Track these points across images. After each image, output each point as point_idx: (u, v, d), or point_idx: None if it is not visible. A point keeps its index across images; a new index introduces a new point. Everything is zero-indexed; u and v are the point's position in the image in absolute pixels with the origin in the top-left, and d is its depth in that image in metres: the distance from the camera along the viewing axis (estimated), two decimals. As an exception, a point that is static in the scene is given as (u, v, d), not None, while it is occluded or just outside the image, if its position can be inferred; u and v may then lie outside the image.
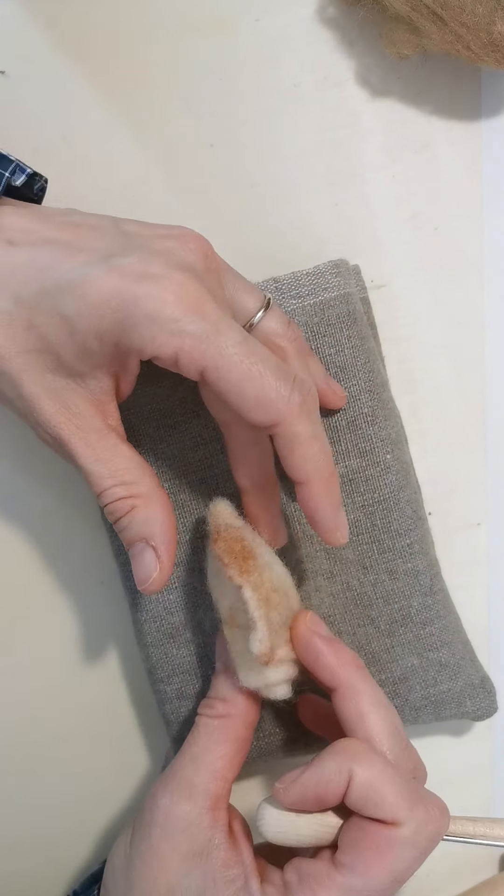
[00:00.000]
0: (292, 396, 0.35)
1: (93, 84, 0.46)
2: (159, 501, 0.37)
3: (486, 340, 0.49)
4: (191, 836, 0.37)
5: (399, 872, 0.35)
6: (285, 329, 0.40)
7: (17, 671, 0.48)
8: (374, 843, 0.35)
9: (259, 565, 0.37)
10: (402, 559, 0.44)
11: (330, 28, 0.47)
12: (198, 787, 0.38)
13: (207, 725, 0.39)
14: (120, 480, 0.37)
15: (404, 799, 0.35)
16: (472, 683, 0.46)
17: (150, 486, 0.37)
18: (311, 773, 0.36)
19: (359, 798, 0.35)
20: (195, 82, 0.46)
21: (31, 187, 0.40)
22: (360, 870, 0.35)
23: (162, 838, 0.37)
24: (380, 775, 0.35)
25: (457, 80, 0.47)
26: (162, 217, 0.46)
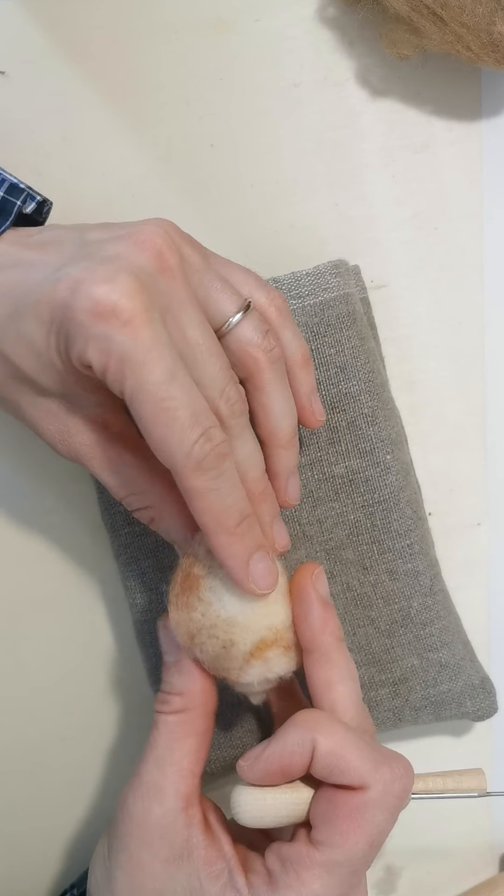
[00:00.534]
0: (192, 451, 0.33)
1: (93, 84, 0.46)
2: (172, 506, 0.37)
3: (486, 340, 0.49)
4: (169, 840, 0.37)
5: (374, 836, 0.35)
6: (261, 339, 0.37)
7: (17, 671, 0.48)
8: (346, 811, 0.35)
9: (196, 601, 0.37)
10: (403, 560, 0.44)
11: (330, 28, 0.47)
12: (167, 790, 0.37)
13: (167, 723, 0.38)
14: (130, 491, 0.37)
15: (368, 761, 0.35)
16: (473, 684, 0.46)
17: (160, 492, 0.37)
18: (273, 746, 0.36)
19: (324, 767, 0.35)
20: (195, 82, 0.46)
21: (39, 212, 0.40)
22: (337, 842, 0.34)
23: (140, 847, 0.37)
24: (342, 741, 0.35)
25: (457, 80, 0.47)
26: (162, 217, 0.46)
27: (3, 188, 0.39)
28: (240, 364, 0.37)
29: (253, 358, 0.37)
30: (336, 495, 0.44)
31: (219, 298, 0.37)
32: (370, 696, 0.45)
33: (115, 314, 0.32)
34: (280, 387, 0.38)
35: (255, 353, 0.37)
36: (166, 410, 0.32)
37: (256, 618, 0.37)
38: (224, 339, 0.37)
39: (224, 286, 0.37)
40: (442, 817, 0.51)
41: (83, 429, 0.37)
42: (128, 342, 0.32)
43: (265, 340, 0.37)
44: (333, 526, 0.45)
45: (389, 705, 0.45)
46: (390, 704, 0.45)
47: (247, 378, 0.38)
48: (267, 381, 0.38)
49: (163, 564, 0.44)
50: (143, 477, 0.37)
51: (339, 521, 0.45)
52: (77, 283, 0.32)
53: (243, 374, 0.38)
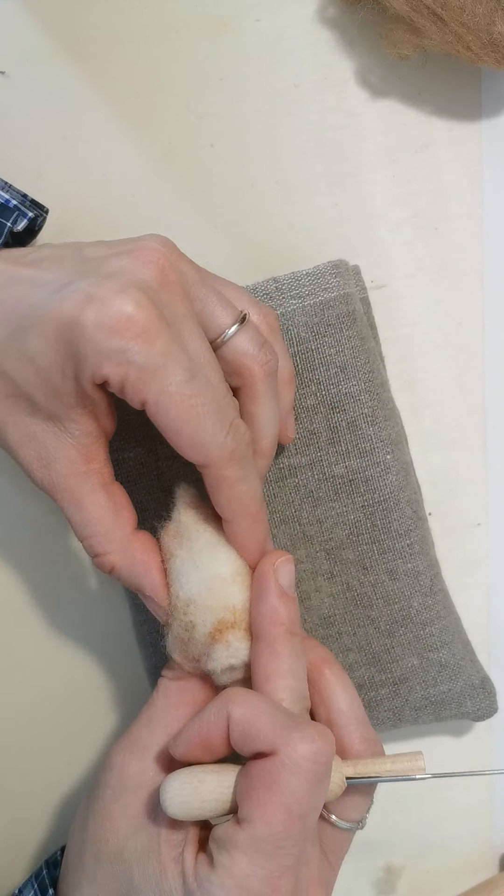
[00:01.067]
0: (225, 442, 0.34)
1: (93, 84, 0.46)
2: (135, 549, 0.38)
3: (486, 340, 0.49)
4: (140, 796, 0.37)
5: (290, 803, 0.33)
6: (257, 351, 0.38)
7: (17, 671, 0.48)
8: (259, 780, 0.34)
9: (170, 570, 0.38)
10: (403, 559, 0.44)
11: (330, 28, 0.47)
12: (150, 748, 0.37)
13: (167, 687, 0.39)
14: (94, 531, 0.37)
15: (278, 725, 0.34)
16: (473, 684, 0.46)
17: (124, 534, 0.37)
18: (193, 721, 0.36)
19: (239, 735, 0.35)
20: (195, 82, 0.46)
21: (31, 226, 0.40)
22: (256, 815, 0.34)
23: (113, 799, 0.37)
24: (254, 709, 0.35)
25: (457, 80, 0.47)
26: (162, 218, 0.46)
27: None
28: (234, 374, 0.38)
29: (248, 369, 0.38)
30: (336, 495, 0.44)
31: (215, 311, 0.37)
32: (370, 696, 0.45)
33: (129, 326, 0.32)
34: (271, 398, 0.39)
35: (251, 365, 0.38)
36: (193, 407, 0.33)
37: (214, 598, 0.37)
38: (220, 349, 0.37)
39: (219, 299, 0.37)
40: (442, 817, 0.51)
41: (64, 457, 0.37)
42: (145, 351, 0.32)
43: (261, 352, 0.38)
44: (333, 526, 0.45)
45: (389, 705, 0.45)
46: (390, 704, 0.45)
47: (240, 387, 0.38)
48: (259, 392, 0.38)
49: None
50: (110, 519, 0.37)
51: (340, 520, 0.45)
52: (86, 299, 0.33)
53: (236, 384, 0.38)
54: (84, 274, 0.35)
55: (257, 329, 0.39)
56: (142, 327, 0.33)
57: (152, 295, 0.34)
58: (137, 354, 0.32)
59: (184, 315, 0.35)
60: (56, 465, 0.37)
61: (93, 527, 0.37)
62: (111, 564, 0.37)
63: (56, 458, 0.37)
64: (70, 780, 0.49)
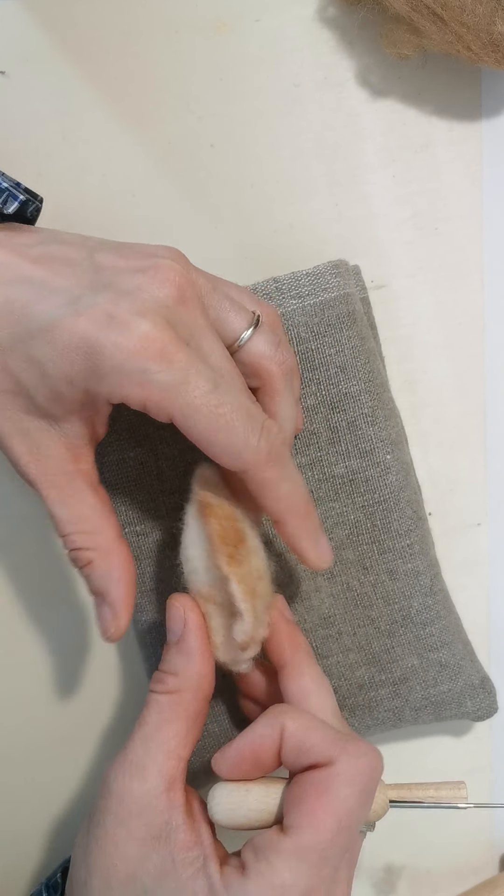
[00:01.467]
0: (260, 445, 0.35)
1: (93, 84, 0.46)
2: (116, 555, 0.38)
3: (486, 340, 0.49)
4: (147, 820, 0.36)
5: (342, 813, 0.35)
6: (273, 351, 0.39)
7: (17, 671, 0.48)
8: (312, 789, 0.35)
9: (248, 552, 0.37)
10: (403, 560, 0.44)
11: (330, 28, 0.47)
12: (150, 769, 0.37)
13: (158, 703, 0.38)
14: (79, 528, 0.37)
15: (331, 738, 0.36)
16: (473, 684, 0.46)
17: (109, 537, 0.38)
18: (245, 734, 0.37)
19: (291, 749, 0.36)
20: (195, 82, 0.46)
21: (24, 212, 0.39)
22: (305, 822, 0.34)
23: (117, 824, 0.36)
24: (308, 723, 0.36)
25: (457, 80, 0.47)
26: (162, 217, 0.46)
27: None
28: (253, 375, 0.39)
29: (267, 370, 0.39)
30: (336, 495, 0.44)
31: (229, 317, 0.38)
32: (370, 696, 0.45)
33: (147, 346, 0.33)
34: (289, 395, 0.40)
35: (269, 366, 0.39)
36: (222, 416, 0.34)
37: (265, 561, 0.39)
38: (237, 353, 0.38)
39: (232, 305, 0.38)
40: (442, 817, 0.51)
41: (54, 454, 0.37)
42: (165, 370, 0.33)
43: (278, 353, 0.39)
44: (334, 526, 0.45)
45: (389, 705, 0.45)
46: (390, 704, 0.45)
47: (259, 387, 0.39)
48: (279, 390, 0.39)
49: (163, 565, 0.44)
50: (97, 518, 0.38)
51: (340, 521, 0.45)
52: (104, 318, 0.33)
53: (256, 384, 0.39)
54: (99, 287, 0.35)
55: (270, 329, 0.39)
56: (160, 347, 0.33)
57: (170, 314, 0.34)
58: (158, 374, 0.33)
59: (203, 328, 0.36)
60: (46, 460, 0.37)
61: (78, 525, 0.37)
62: (88, 560, 0.38)
63: (47, 454, 0.37)
64: (69, 779, 0.49)
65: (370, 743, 0.37)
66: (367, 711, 0.45)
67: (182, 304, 0.35)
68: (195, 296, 0.36)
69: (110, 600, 0.38)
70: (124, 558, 0.38)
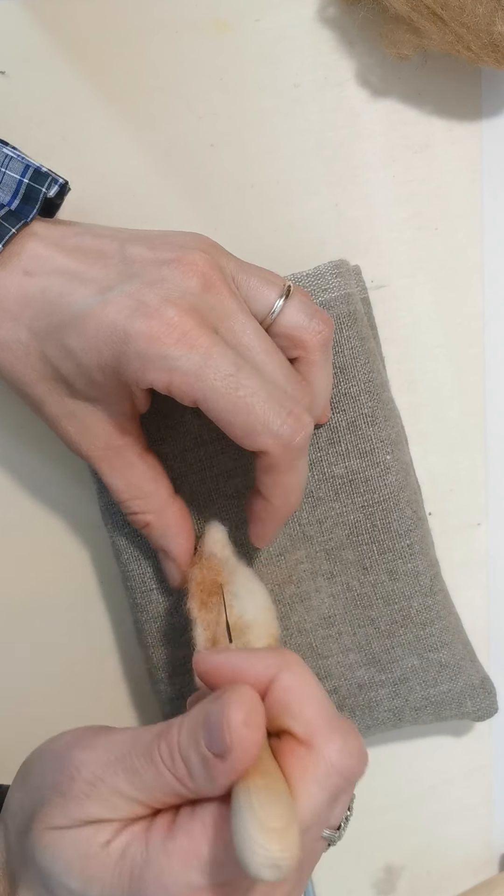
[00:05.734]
0: (281, 430, 0.35)
1: (93, 84, 0.46)
2: (171, 513, 0.40)
3: (486, 340, 0.49)
4: None
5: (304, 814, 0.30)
6: (308, 321, 0.39)
7: (17, 671, 0.48)
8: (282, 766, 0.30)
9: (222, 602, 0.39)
10: (403, 560, 0.44)
11: (330, 28, 0.47)
12: None
13: None
14: (132, 495, 0.40)
15: (324, 719, 0.31)
16: (473, 684, 0.46)
17: (162, 498, 0.40)
18: (239, 653, 0.33)
19: (276, 703, 0.31)
20: (195, 82, 0.46)
21: (60, 195, 0.42)
22: None
23: None
24: (306, 686, 0.32)
25: (457, 80, 0.47)
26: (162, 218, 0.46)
27: (28, 174, 0.40)
28: (291, 346, 0.39)
29: (302, 341, 0.39)
30: (336, 495, 0.44)
31: (259, 291, 0.39)
32: (370, 696, 0.45)
33: (170, 333, 0.34)
34: (326, 366, 0.40)
35: (304, 336, 0.39)
36: (242, 398, 0.34)
37: (265, 626, 0.39)
38: (273, 325, 0.39)
39: (261, 280, 0.39)
40: (442, 817, 0.51)
41: (101, 432, 0.39)
42: (187, 355, 0.34)
43: (312, 322, 0.39)
44: (333, 526, 0.45)
45: (389, 705, 0.45)
46: (390, 704, 0.45)
47: (297, 358, 0.39)
48: (315, 361, 0.39)
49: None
50: (148, 483, 0.40)
51: (339, 521, 0.45)
52: (129, 307, 0.34)
53: (295, 355, 0.39)
54: (126, 278, 0.36)
55: (303, 298, 0.39)
56: (181, 332, 0.34)
57: (197, 300, 0.35)
58: (179, 359, 0.34)
59: (232, 310, 0.37)
60: (94, 438, 0.39)
61: (131, 491, 0.40)
62: (146, 522, 0.40)
63: (94, 432, 0.39)
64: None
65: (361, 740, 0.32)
66: (367, 711, 0.45)
67: (208, 289, 0.36)
68: (222, 280, 0.37)
69: (172, 555, 0.41)
70: (179, 514, 0.41)
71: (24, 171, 0.40)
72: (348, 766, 0.31)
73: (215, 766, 0.29)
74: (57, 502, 0.47)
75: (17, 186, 0.40)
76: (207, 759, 0.29)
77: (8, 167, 0.40)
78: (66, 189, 0.42)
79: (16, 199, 0.40)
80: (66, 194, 0.43)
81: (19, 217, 0.39)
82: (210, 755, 0.29)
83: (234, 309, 0.37)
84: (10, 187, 0.40)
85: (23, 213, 0.39)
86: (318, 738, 0.31)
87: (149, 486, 0.40)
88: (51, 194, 0.40)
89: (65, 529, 0.48)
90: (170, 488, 0.41)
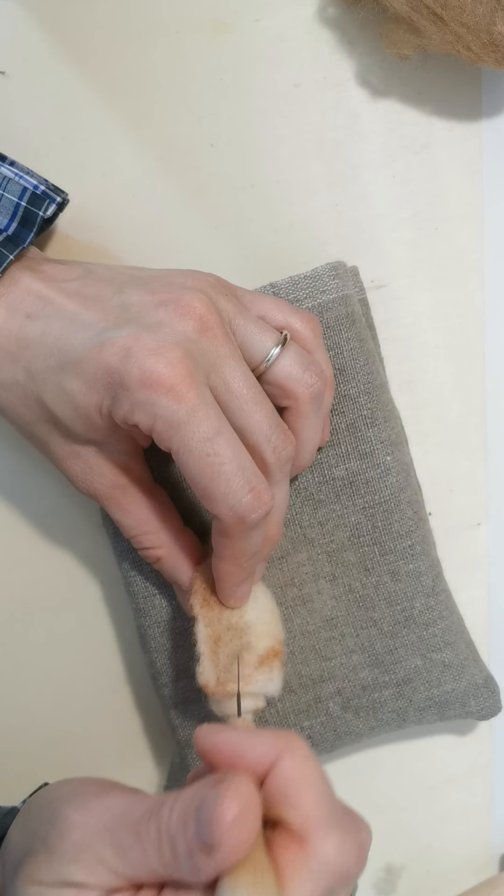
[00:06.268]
0: (238, 504, 0.35)
1: (93, 84, 0.46)
2: (181, 546, 0.41)
3: (486, 340, 0.49)
4: None
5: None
6: (301, 373, 0.39)
7: (19, 674, 0.48)
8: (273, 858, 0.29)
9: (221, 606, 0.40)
10: (404, 560, 0.44)
11: (330, 28, 0.47)
12: None
13: None
14: (141, 531, 0.40)
15: (322, 812, 0.30)
16: (476, 683, 0.46)
17: (171, 532, 0.40)
18: (241, 734, 0.31)
19: (275, 788, 0.30)
20: (195, 82, 0.46)
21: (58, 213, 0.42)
22: None
23: None
24: (307, 776, 0.30)
25: (457, 80, 0.47)
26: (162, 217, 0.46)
27: (26, 198, 0.40)
28: (282, 396, 0.39)
29: (293, 392, 0.39)
30: (337, 497, 0.44)
31: (255, 338, 0.39)
32: (374, 697, 0.45)
33: (161, 382, 0.34)
34: (315, 418, 0.40)
35: (296, 388, 0.39)
36: (211, 465, 0.35)
37: (268, 627, 0.39)
38: (266, 374, 0.39)
39: (259, 326, 0.39)
40: (442, 817, 0.51)
41: (106, 471, 0.39)
42: (172, 406, 0.34)
43: (305, 375, 0.39)
44: (335, 528, 0.45)
45: (393, 706, 0.45)
46: (394, 705, 0.45)
47: (287, 407, 0.40)
48: (303, 413, 0.40)
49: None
50: (155, 519, 0.40)
51: (340, 523, 0.45)
52: (125, 352, 0.35)
53: (285, 404, 0.40)
54: (125, 322, 0.36)
55: (299, 349, 0.40)
56: (171, 384, 0.34)
57: (192, 346, 0.35)
58: (164, 409, 0.34)
59: (225, 356, 0.37)
60: (100, 478, 0.40)
61: (140, 527, 0.40)
62: (157, 557, 0.41)
63: (99, 472, 0.39)
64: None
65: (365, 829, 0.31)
66: (371, 712, 0.45)
67: (203, 333, 0.36)
68: (218, 323, 0.37)
69: (185, 588, 0.41)
70: (189, 547, 0.41)
71: (21, 193, 0.40)
72: (344, 865, 0.30)
73: (201, 858, 0.28)
74: (58, 503, 0.47)
75: (15, 210, 0.40)
76: (194, 851, 0.28)
77: (6, 189, 0.40)
78: (64, 204, 0.42)
79: (13, 223, 0.40)
80: (64, 207, 0.42)
81: (17, 243, 0.39)
82: (196, 847, 0.28)
83: (227, 355, 0.37)
84: (7, 210, 0.40)
85: (20, 238, 0.40)
86: (315, 833, 0.29)
87: (157, 521, 0.40)
88: (47, 215, 0.40)
89: (65, 530, 0.48)
90: (178, 521, 0.41)
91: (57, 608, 0.48)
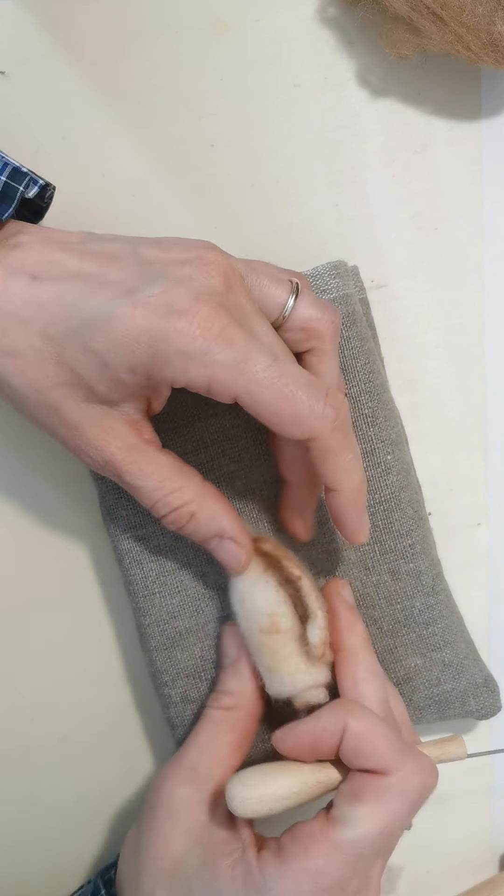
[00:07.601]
0: (326, 412, 0.36)
1: (93, 84, 0.46)
2: (211, 497, 0.40)
3: (486, 340, 0.49)
4: (194, 817, 0.39)
5: (388, 822, 0.36)
6: (321, 313, 0.39)
7: (19, 674, 0.48)
8: (365, 792, 0.36)
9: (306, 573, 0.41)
10: (404, 560, 0.44)
11: (330, 28, 0.47)
12: (201, 773, 0.40)
13: (213, 716, 0.41)
14: (169, 489, 0.39)
15: (394, 749, 0.37)
16: (476, 682, 0.46)
17: (197, 486, 0.39)
18: (308, 722, 0.38)
19: (351, 748, 0.37)
20: (195, 82, 0.46)
21: (42, 197, 0.41)
22: (350, 820, 0.36)
23: (166, 819, 0.39)
24: (372, 727, 0.37)
25: (457, 80, 0.47)
26: (162, 217, 0.46)
27: (6, 173, 0.39)
28: (304, 340, 0.39)
29: (317, 331, 0.39)
30: (337, 496, 0.44)
31: (270, 292, 0.39)
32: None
33: (210, 330, 0.35)
34: (335, 357, 0.41)
35: (319, 326, 0.39)
36: (286, 386, 0.35)
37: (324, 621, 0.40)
38: (286, 322, 0.39)
39: (271, 280, 0.39)
40: (442, 817, 0.51)
41: (122, 432, 0.38)
42: (227, 350, 0.35)
43: (325, 314, 0.39)
44: (335, 527, 0.45)
45: (393, 705, 0.45)
46: (394, 705, 0.45)
47: (309, 350, 0.40)
48: (327, 350, 0.40)
49: (165, 568, 0.44)
50: (179, 475, 0.39)
51: (340, 521, 0.45)
52: (165, 308, 0.35)
53: (306, 348, 0.40)
54: (150, 278, 0.36)
55: (310, 292, 0.40)
56: (220, 328, 0.35)
57: (222, 300, 0.36)
58: (221, 353, 0.35)
59: (251, 313, 0.37)
60: (116, 440, 0.38)
61: (165, 487, 0.39)
62: (190, 513, 0.39)
63: (115, 434, 0.38)
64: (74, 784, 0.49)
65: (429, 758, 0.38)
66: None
67: (230, 290, 0.37)
68: (239, 280, 0.37)
69: (230, 533, 0.40)
70: (219, 495, 0.40)
71: (1, 168, 0.39)
72: (423, 782, 0.37)
73: None
74: (58, 503, 0.47)
75: None
76: None
77: None
78: (49, 191, 0.41)
79: None
80: (51, 198, 0.42)
81: None
82: None
83: (252, 312, 0.37)
84: None
85: None
86: (392, 765, 0.37)
87: (180, 477, 0.39)
88: (29, 195, 0.39)
89: (65, 530, 0.47)
90: (199, 475, 0.40)
91: (57, 608, 0.48)
